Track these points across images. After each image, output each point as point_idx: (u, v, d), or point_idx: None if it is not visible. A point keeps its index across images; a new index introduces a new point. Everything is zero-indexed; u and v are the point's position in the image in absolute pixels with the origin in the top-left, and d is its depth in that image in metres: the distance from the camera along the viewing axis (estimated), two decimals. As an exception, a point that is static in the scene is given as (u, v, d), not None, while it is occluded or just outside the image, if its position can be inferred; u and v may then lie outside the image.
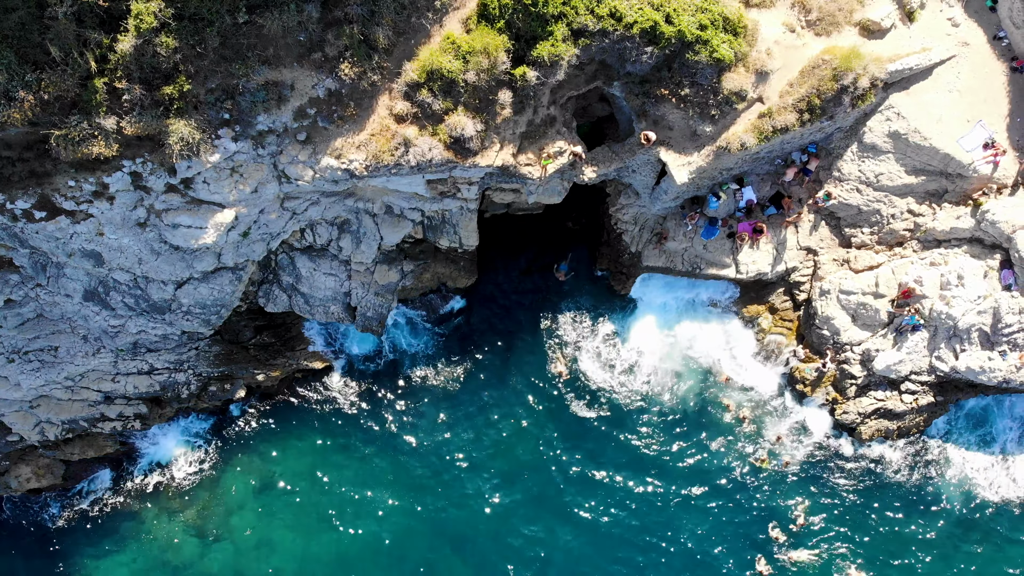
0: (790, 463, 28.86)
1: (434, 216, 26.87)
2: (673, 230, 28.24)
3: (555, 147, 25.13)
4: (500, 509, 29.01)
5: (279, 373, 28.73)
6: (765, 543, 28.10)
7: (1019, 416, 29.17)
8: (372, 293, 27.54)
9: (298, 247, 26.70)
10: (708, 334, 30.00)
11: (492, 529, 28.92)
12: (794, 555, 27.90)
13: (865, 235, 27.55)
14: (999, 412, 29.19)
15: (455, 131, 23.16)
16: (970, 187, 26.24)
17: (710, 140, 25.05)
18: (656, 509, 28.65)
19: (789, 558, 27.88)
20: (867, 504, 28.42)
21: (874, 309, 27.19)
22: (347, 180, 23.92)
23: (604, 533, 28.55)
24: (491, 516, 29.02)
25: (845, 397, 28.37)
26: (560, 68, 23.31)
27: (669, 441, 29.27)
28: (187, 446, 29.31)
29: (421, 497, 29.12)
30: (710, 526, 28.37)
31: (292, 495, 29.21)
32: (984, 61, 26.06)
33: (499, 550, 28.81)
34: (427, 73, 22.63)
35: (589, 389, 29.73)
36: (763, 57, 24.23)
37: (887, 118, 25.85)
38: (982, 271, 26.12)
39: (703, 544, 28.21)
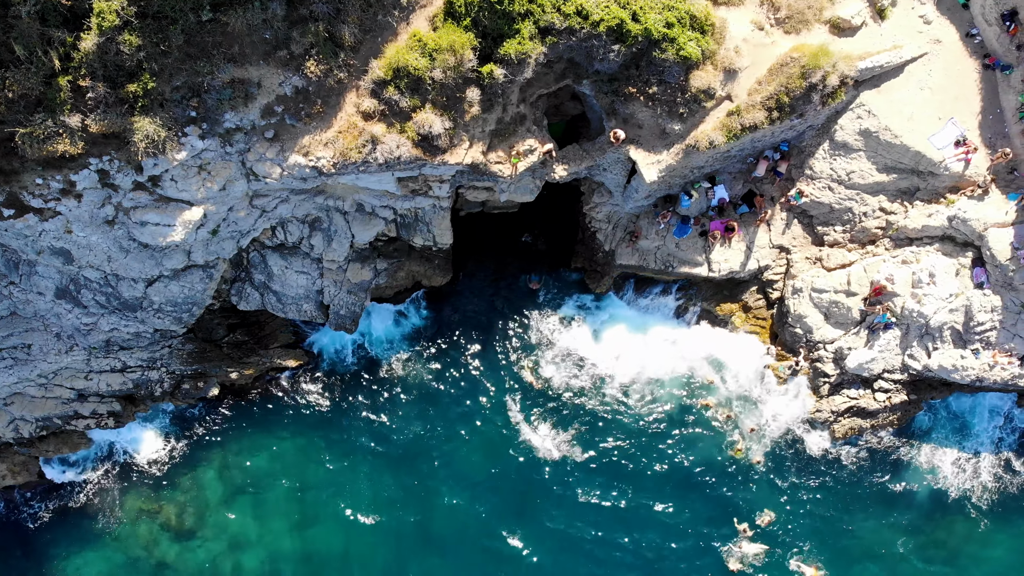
0: (762, 461, 28.84)
1: (407, 214, 26.87)
2: (646, 228, 28.22)
3: (525, 145, 25.12)
4: (472, 510, 29.04)
5: (252, 371, 28.76)
6: (733, 540, 28.00)
7: (993, 415, 29.08)
8: (345, 291, 27.56)
9: (270, 245, 26.73)
10: (681, 333, 29.90)
11: (463, 529, 28.94)
12: (761, 551, 27.81)
13: (837, 233, 27.51)
14: (974, 411, 29.11)
15: (423, 128, 23.17)
16: (942, 185, 26.18)
17: (679, 138, 25.02)
18: (628, 506, 28.63)
19: (756, 554, 27.80)
20: (837, 502, 28.41)
21: (846, 307, 27.16)
22: (316, 178, 23.94)
23: (576, 533, 28.54)
24: (463, 517, 29.03)
25: (819, 395, 28.35)
26: (528, 66, 23.28)
27: (643, 440, 29.26)
28: (161, 444, 29.34)
29: (393, 497, 29.18)
30: (680, 523, 28.41)
31: (265, 493, 29.25)
32: (956, 58, 25.99)
33: (470, 549, 28.81)
34: (394, 71, 22.64)
35: (562, 391, 29.70)
36: (731, 55, 24.19)
37: (858, 116, 25.81)
38: (954, 269, 26.07)
39: (673, 542, 28.23)
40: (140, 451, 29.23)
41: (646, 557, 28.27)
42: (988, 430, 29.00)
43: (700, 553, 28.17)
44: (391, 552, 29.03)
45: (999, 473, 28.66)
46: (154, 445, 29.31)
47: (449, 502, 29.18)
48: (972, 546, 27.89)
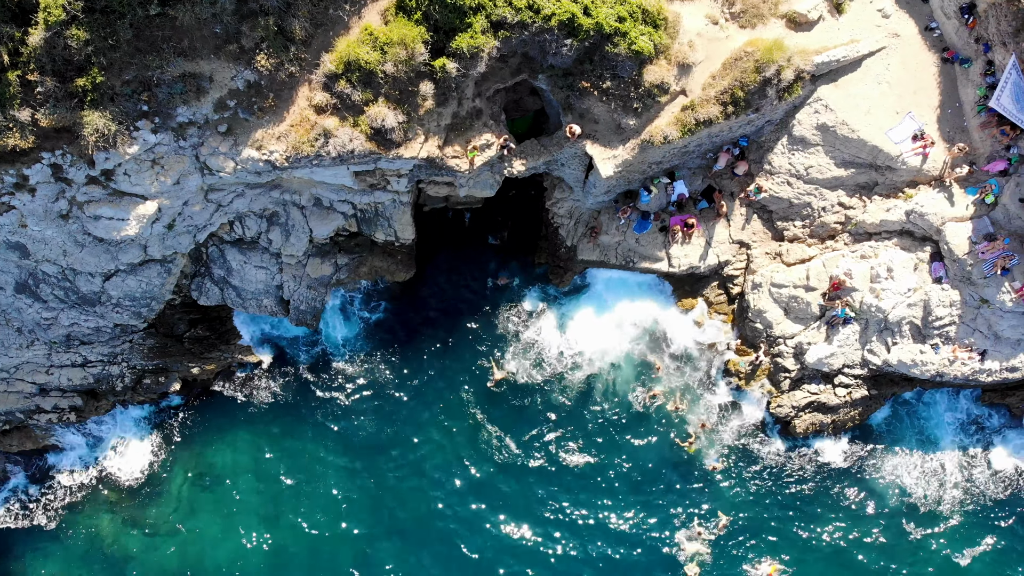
0: (720, 457, 28.76)
1: (367, 209, 26.89)
2: (606, 224, 28.21)
3: (482, 140, 25.11)
4: (437, 505, 28.99)
5: (214, 366, 28.79)
6: (690, 540, 27.92)
7: (956, 411, 28.99)
8: (304, 286, 27.59)
9: (228, 240, 26.77)
10: (645, 329, 29.86)
11: (429, 525, 28.91)
12: (714, 551, 27.70)
13: (797, 228, 27.47)
14: (936, 407, 29.03)
15: (376, 122, 23.19)
16: (900, 179, 26.12)
17: (634, 133, 25.01)
18: (586, 506, 28.54)
19: (712, 554, 27.71)
20: (796, 499, 28.32)
21: (805, 302, 27.11)
22: (270, 171, 23.99)
23: (534, 530, 28.51)
24: (428, 513, 29.00)
25: (780, 390, 28.31)
26: (481, 60, 23.29)
27: (603, 437, 29.19)
28: (124, 439, 29.37)
29: (356, 492, 29.11)
30: (637, 523, 28.27)
31: (229, 487, 29.26)
32: (915, 52, 25.95)
33: (434, 543, 28.80)
34: (345, 64, 22.65)
35: (525, 384, 29.67)
36: (685, 50, 24.18)
37: (815, 111, 25.77)
38: (912, 264, 26.02)
39: (630, 541, 28.14)
40: (102, 446, 29.25)
41: (604, 557, 28.17)
42: (951, 426, 28.88)
43: (656, 554, 28.05)
44: (354, 548, 29.01)
45: (961, 470, 28.56)
46: (116, 440, 29.32)
47: (413, 497, 29.15)
48: (934, 544, 27.77)
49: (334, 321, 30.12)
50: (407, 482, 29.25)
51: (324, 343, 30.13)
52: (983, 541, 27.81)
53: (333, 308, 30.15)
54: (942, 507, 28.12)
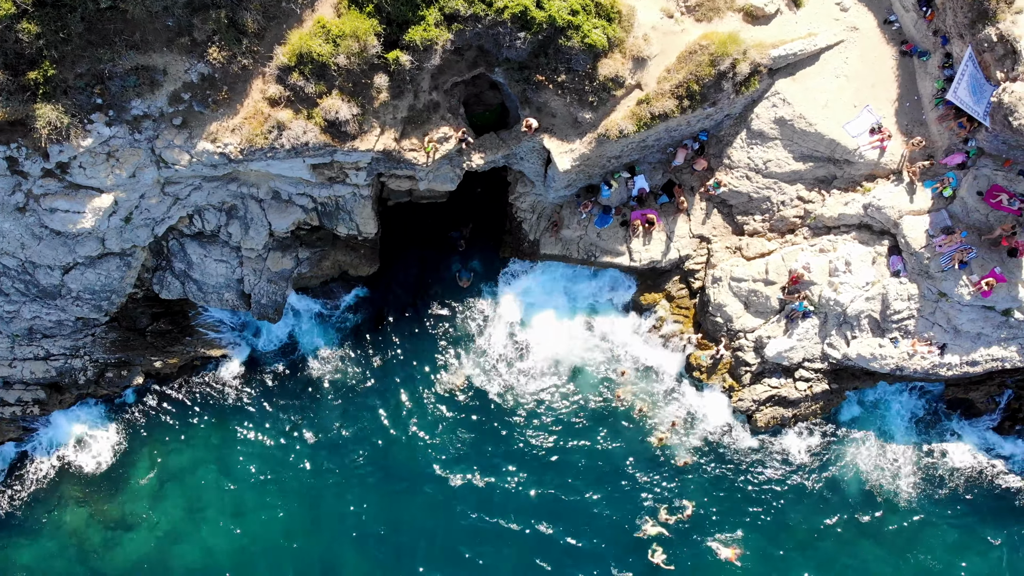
0: (685, 451, 28.77)
1: (327, 202, 26.94)
2: (568, 218, 28.24)
3: (440, 133, 25.15)
4: (403, 502, 28.98)
5: (176, 360, 28.85)
6: (655, 531, 27.90)
7: (918, 405, 28.97)
8: (265, 280, 27.64)
9: (188, 233, 26.83)
10: (607, 326, 29.88)
11: (395, 521, 28.88)
12: (679, 541, 27.72)
13: (757, 222, 27.47)
14: (899, 401, 29.01)
15: (330, 114, 23.25)
16: (858, 173, 26.12)
17: (591, 127, 25.05)
18: (551, 500, 28.52)
19: (676, 544, 27.71)
20: (759, 491, 28.32)
21: (765, 296, 27.11)
22: (225, 164, 24.06)
23: (498, 525, 28.48)
24: (394, 508, 28.96)
25: (741, 384, 28.31)
26: (435, 53, 23.33)
27: (566, 432, 29.17)
28: (89, 433, 29.40)
29: (320, 490, 29.09)
30: (602, 516, 28.24)
31: (194, 482, 29.28)
32: (873, 46, 25.96)
33: (402, 540, 28.79)
34: (298, 57, 22.72)
35: (488, 384, 29.64)
36: (640, 43, 24.20)
37: (773, 104, 25.79)
38: (871, 257, 26.01)
39: (595, 535, 28.11)
40: (67, 441, 29.28)
41: (569, 549, 28.17)
42: (913, 420, 28.88)
43: (621, 546, 28.06)
44: (320, 542, 29.02)
45: (921, 463, 28.57)
46: (81, 434, 29.35)
47: (378, 493, 29.14)
48: (892, 536, 27.77)
49: (298, 318, 30.14)
50: (372, 478, 29.25)
51: (288, 339, 30.16)
52: (941, 533, 27.82)
53: (297, 305, 30.16)
54: (902, 500, 28.11)
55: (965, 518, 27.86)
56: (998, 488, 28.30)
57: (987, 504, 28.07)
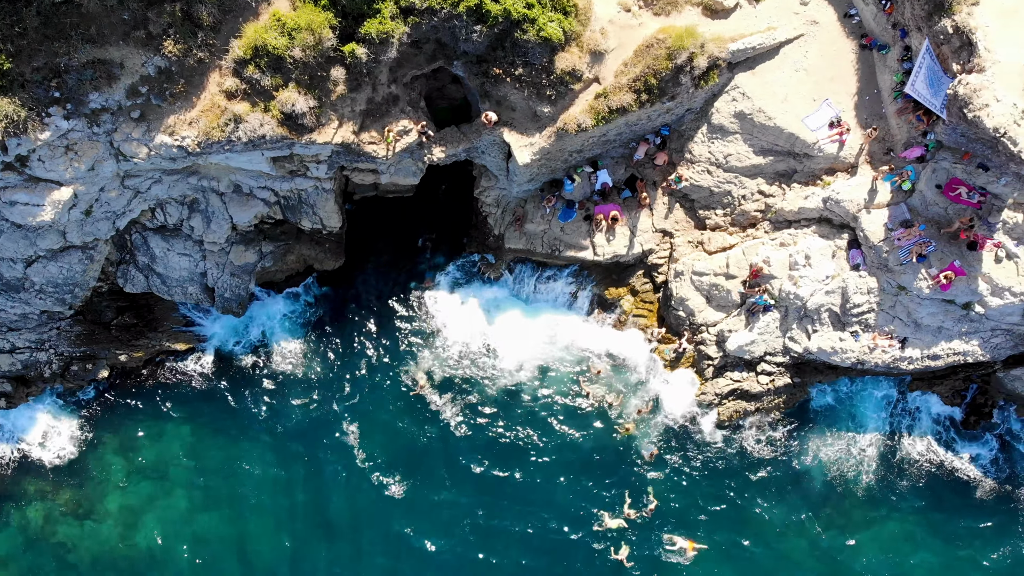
0: (650, 445, 28.79)
1: (290, 196, 27.02)
2: (531, 212, 28.28)
3: (399, 126, 25.21)
4: (365, 497, 29.03)
5: (142, 354, 28.96)
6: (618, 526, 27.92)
7: (883, 399, 28.97)
8: (228, 274, 27.73)
9: (151, 227, 26.93)
10: (573, 321, 29.91)
11: (361, 516, 28.95)
12: (642, 528, 27.73)
13: (719, 217, 27.50)
14: (863, 395, 29.04)
15: (286, 107, 23.32)
16: (818, 167, 26.13)
17: (550, 121, 25.09)
18: (519, 496, 28.55)
19: (640, 537, 27.74)
20: (721, 485, 28.37)
21: (726, 290, 27.14)
22: (184, 157, 24.14)
23: (465, 519, 28.55)
24: (360, 503, 29.03)
25: (704, 378, 28.33)
26: (391, 46, 23.40)
27: (533, 428, 29.20)
28: (55, 427, 29.49)
29: (286, 480, 29.19)
30: (568, 511, 28.27)
31: (160, 475, 29.38)
32: (833, 39, 25.98)
33: (368, 534, 28.86)
34: (253, 50, 22.78)
35: (454, 377, 29.68)
36: (597, 37, 24.25)
37: (733, 98, 25.81)
38: (830, 251, 26.02)
39: (562, 530, 28.13)
40: (33, 433, 29.40)
41: (536, 545, 28.20)
42: (878, 415, 28.92)
43: (585, 541, 28.08)
44: (286, 535, 29.11)
45: (886, 457, 28.62)
46: (47, 428, 29.47)
47: (343, 488, 29.20)
48: (860, 529, 27.81)
49: (263, 311, 30.22)
50: (336, 473, 29.29)
51: (253, 333, 30.23)
52: (902, 528, 27.84)
53: (263, 299, 30.25)
54: (864, 494, 28.17)
55: (927, 513, 27.93)
56: (958, 483, 28.34)
57: (948, 499, 28.14)
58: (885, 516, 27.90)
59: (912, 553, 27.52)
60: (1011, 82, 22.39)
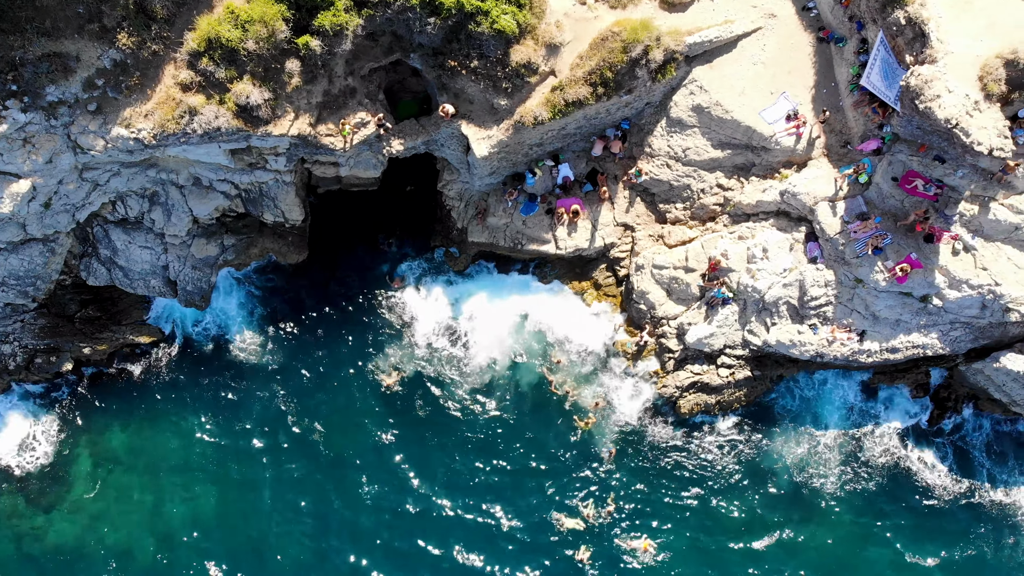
0: (610, 439, 28.79)
1: (251, 189, 27.12)
2: (494, 206, 28.34)
3: (356, 118, 25.30)
4: (330, 492, 29.08)
5: (106, 347, 29.03)
6: (584, 521, 27.92)
7: (844, 393, 28.95)
8: (189, 267, 27.82)
9: (112, 220, 27.05)
10: (538, 315, 29.92)
11: (324, 512, 28.94)
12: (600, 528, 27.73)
13: (678, 210, 27.53)
14: (825, 388, 28.99)
15: (241, 99, 23.42)
16: (775, 160, 26.14)
17: (508, 114, 25.15)
18: (476, 497, 28.56)
19: (600, 537, 27.73)
20: (680, 483, 28.35)
21: (686, 283, 27.17)
22: (141, 150, 24.26)
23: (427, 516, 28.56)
24: (323, 500, 29.02)
25: (665, 371, 28.36)
26: (345, 38, 23.46)
27: (499, 425, 29.17)
28: (21, 418, 29.59)
29: (248, 475, 29.19)
30: (528, 510, 28.25)
31: (124, 469, 29.40)
32: (791, 32, 26.03)
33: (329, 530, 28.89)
34: (207, 42, 22.89)
35: (417, 373, 29.69)
36: (552, 30, 24.31)
37: (691, 92, 25.86)
38: (788, 244, 26.04)
39: (522, 530, 28.12)
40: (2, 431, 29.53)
41: (498, 545, 28.19)
42: (840, 409, 28.90)
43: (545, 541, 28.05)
44: (250, 527, 29.18)
45: (846, 451, 28.58)
46: (12, 419, 29.58)
47: (308, 482, 29.24)
48: (816, 525, 27.81)
49: (229, 305, 30.28)
50: (301, 467, 29.33)
51: (218, 327, 30.26)
52: (864, 521, 27.85)
53: (228, 292, 30.32)
54: (826, 490, 28.14)
55: (887, 509, 27.93)
56: (919, 479, 28.37)
57: (908, 496, 28.16)
58: (847, 512, 27.87)
59: (871, 548, 27.48)
60: (964, 73, 22.41)
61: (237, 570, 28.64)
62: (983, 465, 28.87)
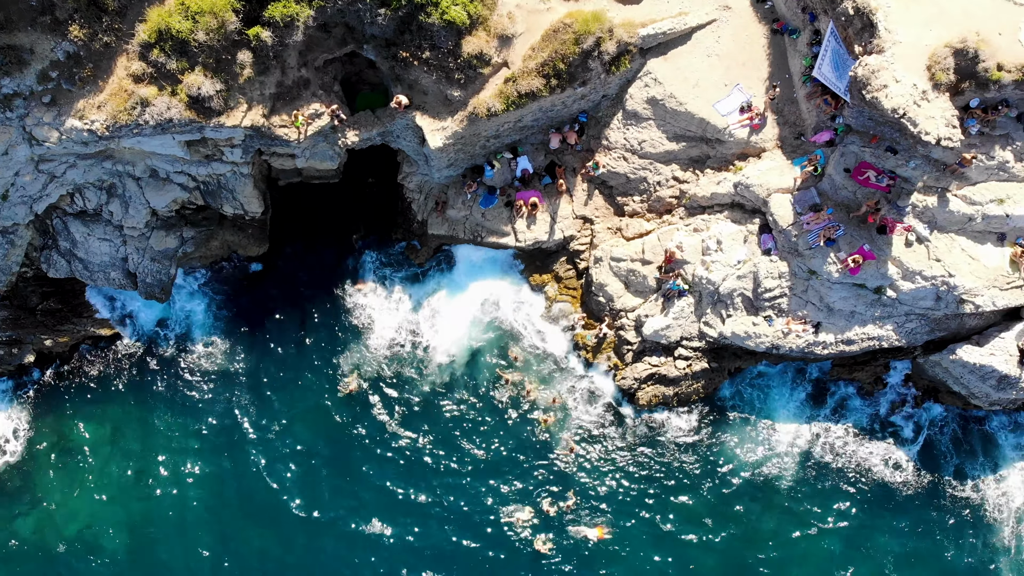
0: (570, 433, 28.76)
1: (209, 181, 27.23)
2: (453, 198, 28.42)
3: (310, 109, 25.41)
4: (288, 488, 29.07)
5: (67, 339, 29.16)
6: (541, 515, 27.90)
7: (801, 386, 28.92)
8: (148, 259, 27.92)
9: (71, 212, 27.19)
10: (500, 311, 29.94)
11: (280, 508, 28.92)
12: (562, 524, 27.75)
13: (636, 203, 27.57)
14: (782, 381, 28.98)
15: (192, 90, 23.58)
16: (730, 152, 26.17)
17: (462, 105, 25.24)
18: (437, 489, 28.53)
19: (558, 529, 27.73)
20: (641, 469, 28.32)
21: (642, 275, 27.19)
22: (95, 141, 24.40)
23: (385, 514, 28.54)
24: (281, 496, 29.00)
25: (624, 363, 28.35)
26: (296, 29, 23.60)
27: (460, 423, 29.05)
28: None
29: (211, 470, 29.20)
30: (488, 505, 28.19)
31: (85, 461, 29.44)
32: (746, 24, 26.09)
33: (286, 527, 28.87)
34: (158, 33, 23.08)
35: (376, 379, 29.60)
36: (504, 21, 24.41)
37: (646, 84, 25.92)
38: (742, 236, 26.05)
39: (482, 524, 28.09)
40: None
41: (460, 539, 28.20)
42: (797, 402, 28.83)
43: (509, 533, 28.04)
44: (215, 520, 29.23)
45: (805, 444, 28.50)
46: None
47: (266, 480, 29.23)
48: (772, 516, 27.79)
49: (190, 298, 30.35)
50: (261, 464, 29.31)
51: (180, 320, 30.29)
52: (820, 513, 27.80)
53: (190, 290, 30.38)
54: (784, 481, 28.09)
55: (847, 497, 27.80)
56: (877, 471, 28.33)
57: (865, 488, 28.09)
58: (802, 504, 27.81)
59: (827, 540, 27.47)
60: (913, 63, 22.41)
61: (197, 563, 28.68)
62: (946, 458, 28.79)
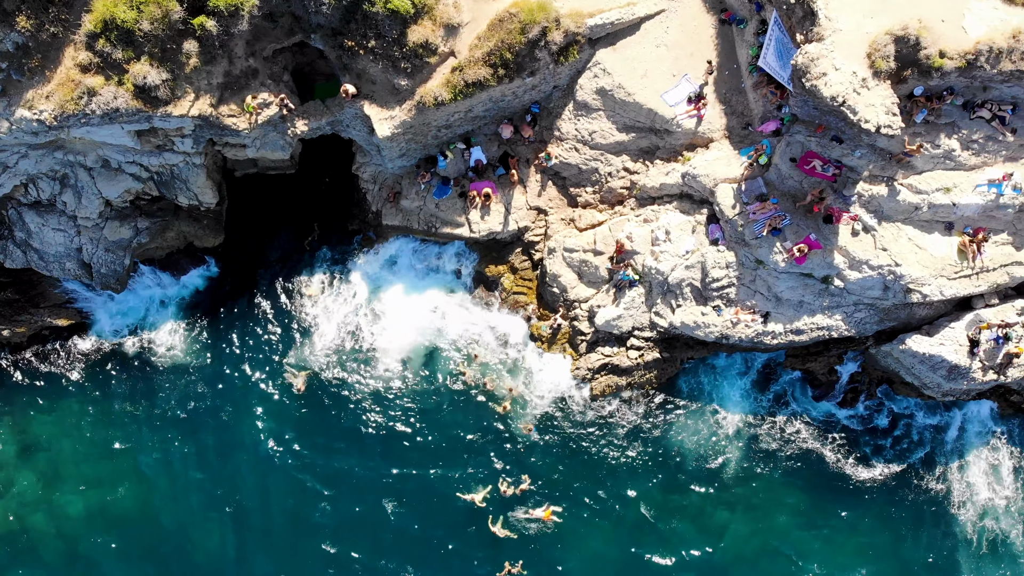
0: (526, 422, 28.85)
1: (162, 171, 27.32)
2: (406, 189, 28.50)
3: (259, 99, 25.50)
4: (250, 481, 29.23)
5: (24, 330, 29.27)
6: (497, 498, 27.97)
7: (755, 376, 28.98)
8: (102, 249, 28.02)
9: (25, 202, 27.30)
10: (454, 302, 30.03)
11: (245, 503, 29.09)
12: (519, 514, 27.85)
13: (588, 194, 27.64)
14: (736, 371, 29.03)
15: (138, 80, 23.68)
16: (678, 142, 26.23)
17: (410, 95, 25.31)
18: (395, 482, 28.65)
19: (516, 517, 27.82)
20: (592, 460, 28.42)
21: (595, 266, 27.27)
22: (46, 131, 24.50)
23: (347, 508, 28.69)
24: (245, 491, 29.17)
25: (578, 353, 28.42)
26: (241, 18, 23.67)
27: (412, 416, 29.15)
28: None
29: (173, 460, 29.37)
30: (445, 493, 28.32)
31: (49, 452, 29.61)
32: (694, 15, 26.15)
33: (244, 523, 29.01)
34: (103, 23, 23.17)
35: (329, 373, 29.66)
36: (450, 10, 24.48)
37: (595, 75, 26.00)
38: (690, 226, 26.11)
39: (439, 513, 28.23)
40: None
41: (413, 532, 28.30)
42: (749, 391, 28.94)
43: (465, 522, 28.16)
44: (173, 514, 29.33)
45: (757, 434, 28.59)
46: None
47: (231, 473, 29.36)
48: (721, 506, 27.89)
49: (148, 289, 30.46)
50: (217, 456, 29.44)
51: (136, 312, 30.41)
52: (772, 502, 27.96)
53: (147, 276, 30.50)
54: (733, 471, 28.17)
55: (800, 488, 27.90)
56: (829, 458, 28.48)
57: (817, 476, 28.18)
58: (754, 493, 28.00)
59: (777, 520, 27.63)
60: (853, 51, 22.45)
61: (151, 558, 28.79)
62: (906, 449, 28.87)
